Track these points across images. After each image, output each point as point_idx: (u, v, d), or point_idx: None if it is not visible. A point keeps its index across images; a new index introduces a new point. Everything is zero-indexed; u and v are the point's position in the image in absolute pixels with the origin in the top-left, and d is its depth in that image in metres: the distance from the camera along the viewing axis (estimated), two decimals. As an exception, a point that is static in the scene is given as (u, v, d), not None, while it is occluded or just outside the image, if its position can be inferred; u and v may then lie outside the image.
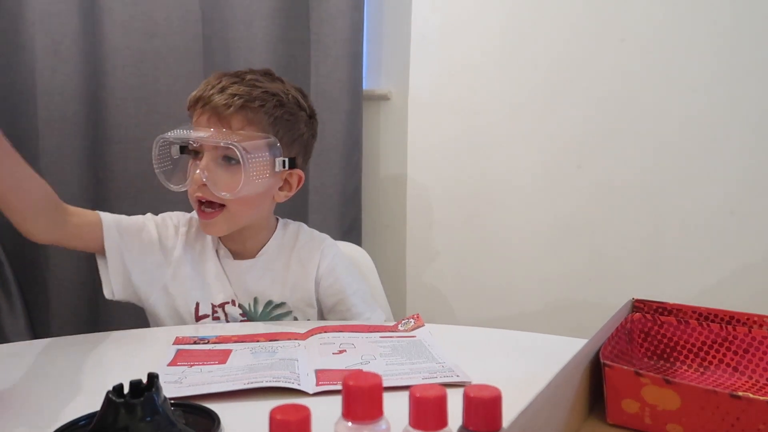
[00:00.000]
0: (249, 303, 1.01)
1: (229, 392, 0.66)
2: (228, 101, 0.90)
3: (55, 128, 1.42)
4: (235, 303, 1.00)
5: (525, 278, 1.55)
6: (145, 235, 0.99)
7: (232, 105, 0.90)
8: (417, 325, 0.93)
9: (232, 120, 0.92)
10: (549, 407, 0.49)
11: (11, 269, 1.44)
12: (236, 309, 1.01)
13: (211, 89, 0.92)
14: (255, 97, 0.92)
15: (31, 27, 1.39)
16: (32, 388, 0.71)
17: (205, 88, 0.94)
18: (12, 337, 1.41)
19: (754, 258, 1.38)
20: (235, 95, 0.91)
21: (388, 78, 1.61)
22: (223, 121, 0.92)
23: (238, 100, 0.91)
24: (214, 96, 0.91)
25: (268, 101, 0.94)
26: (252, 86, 0.93)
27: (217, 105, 0.91)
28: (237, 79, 0.94)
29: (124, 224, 0.97)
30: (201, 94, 0.93)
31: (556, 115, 1.49)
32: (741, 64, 1.35)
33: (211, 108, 0.92)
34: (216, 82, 0.94)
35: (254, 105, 0.92)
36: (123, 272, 0.96)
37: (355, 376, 0.41)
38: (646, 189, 1.44)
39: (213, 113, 0.92)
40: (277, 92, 0.96)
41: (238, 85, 0.93)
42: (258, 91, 0.93)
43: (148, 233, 0.99)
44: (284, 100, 0.96)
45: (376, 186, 1.63)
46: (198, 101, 0.94)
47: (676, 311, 0.74)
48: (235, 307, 1.01)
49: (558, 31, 1.47)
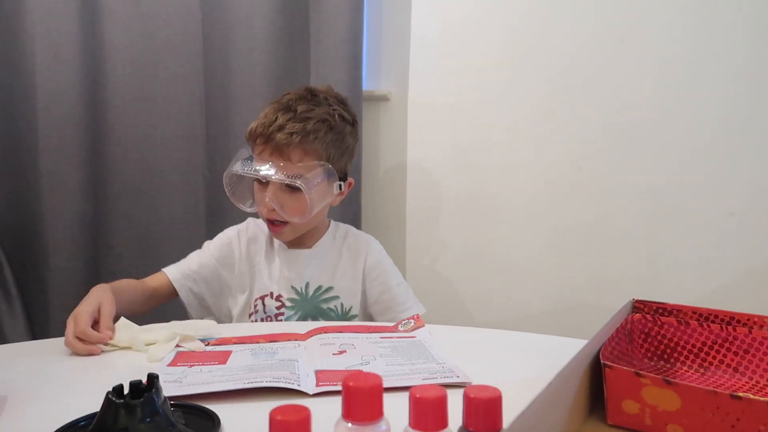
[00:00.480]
0: (301, 287, 1.12)
1: (229, 393, 0.66)
2: (287, 140, 1.03)
3: (55, 128, 1.42)
4: (273, 296, 1.11)
5: (525, 279, 1.55)
6: (205, 271, 1.13)
7: (291, 143, 1.03)
8: (417, 325, 0.93)
9: (292, 154, 1.04)
10: (549, 408, 0.49)
11: (11, 270, 1.44)
12: (274, 302, 1.11)
13: (270, 126, 1.04)
14: (309, 131, 1.04)
15: (31, 28, 1.39)
16: (32, 388, 0.71)
17: (264, 122, 1.06)
18: (11, 337, 1.41)
19: (754, 259, 1.38)
20: (293, 133, 1.03)
21: (387, 79, 1.61)
22: (283, 155, 1.04)
23: (296, 138, 1.03)
24: (274, 134, 1.03)
25: (320, 130, 1.06)
26: (305, 119, 1.05)
27: (279, 143, 1.03)
28: (291, 114, 1.05)
29: (187, 272, 1.12)
30: (261, 131, 1.05)
31: (556, 116, 1.49)
32: (741, 65, 1.35)
33: (273, 145, 1.04)
34: (273, 118, 1.05)
35: (309, 138, 1.04)
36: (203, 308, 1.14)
37: (355, 376, 0.41)
38: (646, 190, 1.44)
39: (275, 149, 1.04)
40: (326, 118, 1.07)
41: (293, 121, 1.04)
42: (311, 123, 1.05)
43: (207, 268, 1.14)
44: (332, 123, 1.08)
45: (375, 186, 1.63)
46: (259, 136, 1.06)
47: (676, 312, 0.74)
48: (273, 300, 1.11)
49: (558, 33, 1.47)
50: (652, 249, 1.45)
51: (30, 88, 1.41)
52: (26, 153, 1.45)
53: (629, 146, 1.44)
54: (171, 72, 1.46)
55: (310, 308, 1.11)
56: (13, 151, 1.46)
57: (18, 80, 1.42)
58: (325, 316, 1.11)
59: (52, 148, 1.43)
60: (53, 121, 1.42)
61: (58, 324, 1.44)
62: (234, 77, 1.48)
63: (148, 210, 1.49)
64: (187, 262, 1.13)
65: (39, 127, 1.41)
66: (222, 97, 1.49)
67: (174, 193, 1.49)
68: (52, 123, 1.42)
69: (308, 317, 1.10)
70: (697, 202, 1.40)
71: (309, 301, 1.11)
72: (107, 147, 1.46)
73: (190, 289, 1.11)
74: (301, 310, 1.10)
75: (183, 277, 1.11)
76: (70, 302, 1.44)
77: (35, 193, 1.44)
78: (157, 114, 1.47)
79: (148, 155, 1.48)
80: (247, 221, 1.19)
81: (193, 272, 1.12)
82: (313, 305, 1.11)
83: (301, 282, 1.12)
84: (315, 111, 1.07)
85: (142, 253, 1.49)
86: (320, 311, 1.11)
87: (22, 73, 1.42)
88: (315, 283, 1.12)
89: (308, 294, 1.12)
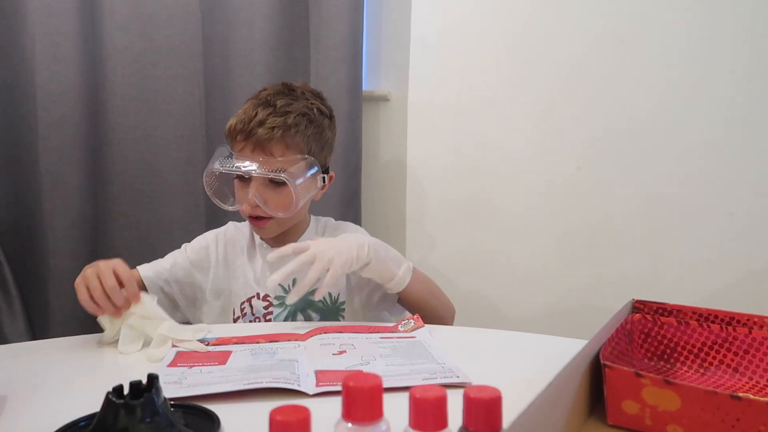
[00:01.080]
0: (288, 284, 1.09)
1: (229, 393, 0.66)
2: (269, 134, 1.02)
3: (55, 129, 1.42)
4: (260, 296, 1.09)
5: (525, 279, 1.55)
6: (178, 271, 1.10)
7: (273, 138, 1.02)
8: (417, 326, 0.93)
9: (274, 148, 1.03)
10: (549, 408, 0.49)
11: (11, 270, 1.44)
12: (261, 302, 1.09)
13: (250, 122, 1.03)
14: (290, 125, 1.03)
15: (31, 28, 1.39)
16: (32, 389, 0.71)
17: (244, 119, 1.04)
18: (11, 338, 1.41)
19: (754, 259, 1.38)
20: (274, 127, 1.02)
21: (387, 79, 1.61)
22: (265, 150, 1.03)
23: (277, 132, 1.02)
24: (255, 129, 1.02)
25: (301, 124, 1.05)
26: (285, 113, 1.04)
27: (260, 138, 1.02)
28: (271, 109, 1.04)
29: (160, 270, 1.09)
30: (242, 127, 1.03)
31: (556, 116, 1.49)
32: (741, 65, 1.35)
33: (254, 140, 1.02)
34: (253, 114, 1.04)
35: (291, 132, 1.03)
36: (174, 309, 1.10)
37: (355, 377, 0.41)
38: (646, 190, 1.44)
39: (256, 145, 1.03)
40: (305, 111, 1.07)
41: (273, 116, 1.03)
42: (291, 117, 1.04)
43: (181, 269, 1.11)
44: (312, 117, 1.07)
45: (375, 187, 1.63)
46: (239, 133, 1.04)
47: (676, 312, 0.74)
48: (260, 300, 1.09)
49: (558, 34, 1.47)
50: (652, 249, 1.45)
51: (30, 88, 1.41)
52: (26, 153, 1.44)
53: (629, 147, 1.44)
54: (171, 72, 1.46)
55: (298, 303, 1.08)
56: (13, 151, 1.46)
57: (18, 80, 1.42)
58: (314, 308, 1.09)
59: (52, 148, 1.42)
60: (53, 121, 1.42)
61: (58, 324, 1.44)
62: (234, 77, 1.48)
63: (148, 210, 1.49)
64: (162, 261, 1.11)
65: (39, 128, 1.41)
66: (222, 97, 1.49)
67: (174, 193, 1.49)
68: (52, 123, 1.42)
69: (297, 312, 1.08)
70: (697, 202, 1.40)
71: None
72: (107, 147, 1.46)
73: (161, 288, 1.08)
74: (290, 306, 1.09)
75: (155, 275, 1.08)
76: (70, 302, 1.46)
77: (35, 193, 1.44)
78: (156, 114, 1.47)
79: (148, 155, 1.48)
80: (227, 225, 1.18)
81: (165, 271, 1.09)
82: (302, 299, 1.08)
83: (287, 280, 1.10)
84: (294, 105, 1.06)
85: (142, 253, 1.48)
86: (308, 303, 1.09)
87: (22, 74, 1.41)
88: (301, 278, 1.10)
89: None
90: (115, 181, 1.47)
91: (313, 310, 1.09)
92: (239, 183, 1.06)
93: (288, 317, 1.08)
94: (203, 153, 1.49)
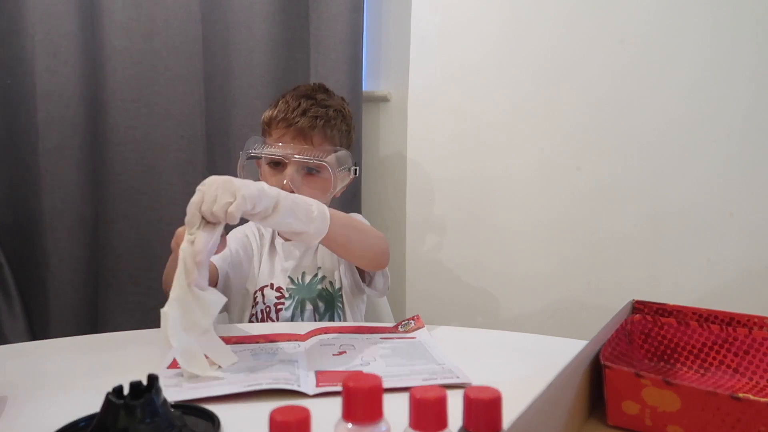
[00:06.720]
0: (297, 277, 1.13)
1: (229, 394, 0.66)
2: (312, 123, 1.07)
3: (55, 129, 1.42)
4: (273, 287, 1.11)
5: (525, 280, 1.55)
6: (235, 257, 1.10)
7: (315, 126, 1.07)
8: (417, 326, 0.93)
9: (314, 137, 1.08)
10: (549, 409, 0.49)
11: (10, 270, 1.44)
12: (273, 292, 1.11)
13: (293, 111, 1.07)
14: (330, 117, 1.09)
15: (30, 28, 1.39)
16: (32, 389, 0.71)
17: (286, 109, 1.08)
18: (11, 338, 1.41)
19: (754, 259, 1.38)
20: (317, 117, 1.07)
21: (387, 79, 1.61)
22: (306, 138, 1.08)
23: (319, 122, 1.07)
24: (297, 118, 1.07)
25: (337, 118, 1.11)
26: (325, 106, 1.10)
27: (302, 126, 1.07)
28: (312, 101, 1.10)
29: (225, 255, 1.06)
30: (284, 116, 1.08)
31: (555, 116, 1.49)
32: (741, 65, 1.35)
33: (296, 128, 1.07)
34: (296, 104, 1.08)
35: (330, 124, 1.09)
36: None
37: (355, 377, 0.41)
38: (646, 190, 1.44)
39: (298, 133, 1.07)
40: (340, 109, 1.13)
41: (316, 107, 1.09)
42: (330, 110, 1.10)
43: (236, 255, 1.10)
44: (345, 114, 1.14)
45: (375, 187, 1.63)
46: (281, 121, 1.08)
47: (676, 312, 0.74)
48: (272, 290, 1.11)
49: (557, 33, 1.47)
50: (652, 249, 1.45)
51: (30, 88, 1.41)
52: (26, 153, 1.45)
53: (629, 146, 1.44)
54: (171, 73, 1.46)
55: (305, 293, 1.12)
56: (13, 151, 1.46)
57: (18, 81, 1.42)
58: (320, 297, 1.12)
59: (52, 148, 1.43)
60: (53, 121, 1.42)
61: (58, 324, 1.44)
62: (234, 78, 1.48)
63: (148, 210, 1.49)
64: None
65: (39, 128, 1.41)
66: (222, 98, 1.49)
67: (174, 194, 1.49)
68: (52, 123, 1.42)
69: (306, 301, 1.11)
70: (697, 201, 1.40)
71: (306, 287, 1.13)
72: (107, 147, 1.46)
73: (227, 273, 1.06)
74: (297, 295, 1.11)
75: (221, 260, 1.04)
76: (70, 303, 1.46)
77: (35, 193, 1.44)
78: (157, 115, 1.47)
79: (148, 156, 1.48)
80: (249, 222, 1.17)
81: (229, 256, 1.06)
82: (309, 290, 1.12)
83: (297, 272, 1.13)
84: (330, 101, 1.12)
85: (142, 253, 1.49)
86: (317, 293, 1.12)
87: (22, 74, 1.42)
88: (311, 271, 1.14)
89: (304, 282, 1.13)
90: (115, 182, 1.48)
91: (320, 299, 1.13)
92: (271, 170, 1.08)
93: (297, 306, 1.10)
94: (203, 153, 1.49)
